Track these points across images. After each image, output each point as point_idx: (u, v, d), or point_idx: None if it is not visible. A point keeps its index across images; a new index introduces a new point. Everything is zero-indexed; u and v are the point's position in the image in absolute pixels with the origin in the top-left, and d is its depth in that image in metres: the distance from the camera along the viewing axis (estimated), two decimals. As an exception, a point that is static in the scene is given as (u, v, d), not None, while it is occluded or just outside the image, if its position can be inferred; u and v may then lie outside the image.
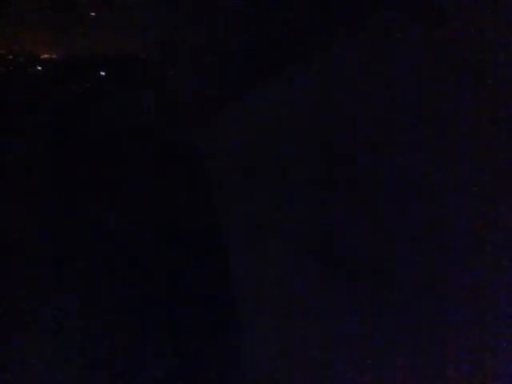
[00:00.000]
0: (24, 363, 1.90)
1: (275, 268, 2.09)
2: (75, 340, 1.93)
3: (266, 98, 2.08)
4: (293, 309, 2.10)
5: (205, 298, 2.04)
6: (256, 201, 2.11)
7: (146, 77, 2.00)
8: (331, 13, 2.04)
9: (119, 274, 1.99)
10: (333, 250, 2.11)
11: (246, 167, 2.11)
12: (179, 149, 2.07)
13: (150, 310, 1.99)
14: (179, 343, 2.01)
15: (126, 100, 1.99)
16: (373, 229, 2.09)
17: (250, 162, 2.12)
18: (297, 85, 2.08)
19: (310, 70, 2.08)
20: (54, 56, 1.92)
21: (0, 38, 1.90)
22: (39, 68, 1.90)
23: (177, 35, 2.01)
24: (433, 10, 2.00)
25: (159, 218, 2.04)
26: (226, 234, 2.08)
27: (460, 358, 2.02)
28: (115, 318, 1.97)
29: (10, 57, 1.91)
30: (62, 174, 1.97)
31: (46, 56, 1.92)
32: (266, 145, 2.11)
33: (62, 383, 1.93)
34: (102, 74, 1.91)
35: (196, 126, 2.08)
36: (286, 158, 2.12)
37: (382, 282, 2.07)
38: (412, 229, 2.08)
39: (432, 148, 2.07)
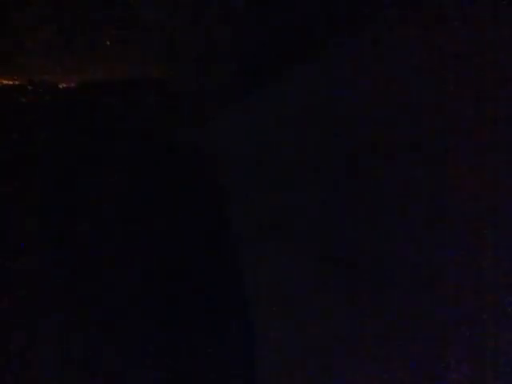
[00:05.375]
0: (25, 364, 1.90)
1: (275, 268, 2.09)
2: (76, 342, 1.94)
3: (266, 97, 2.08)
4: (292, 308, 2.10)
5: (204, 298, 2.04)
6: (256, 201, 2.11)
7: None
8: (331, 13, 2.04)
9: (120, 273, 1.99)
10: (332, 250, 2.11)
11: (246, 167, 2.11)
12: (180, 149, 2.07)
13: (149, 310, 1.99)
14: (178, 343, 2.01)
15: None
16: (373, 229, 2.09)
17: (250, 162, 2.12)
18: (297, 85, 2.08)
19: (310, 70, 2.08)
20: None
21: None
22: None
23: (177, 36, 2.01)
24: (433, 9, 2.00)
25: (160, 218, 2.04)
26: (227, 234, 2.08)
27: (460, 357, 2.02)
28: (114, 318, 1.97)
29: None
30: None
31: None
32: (265, 144, 2.11)
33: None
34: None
35: (196, 126, 2.08)
36: (286, 158, 2.12)
37: (382, 282, 2.07)
38: (412, 228, 2.08)
39: (432, 147, 2.07)
